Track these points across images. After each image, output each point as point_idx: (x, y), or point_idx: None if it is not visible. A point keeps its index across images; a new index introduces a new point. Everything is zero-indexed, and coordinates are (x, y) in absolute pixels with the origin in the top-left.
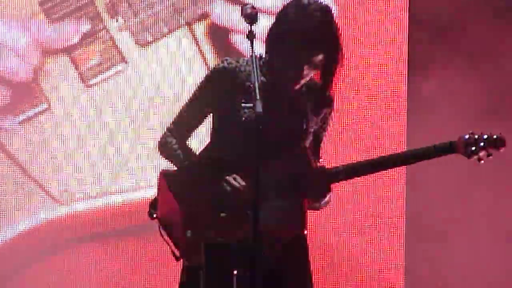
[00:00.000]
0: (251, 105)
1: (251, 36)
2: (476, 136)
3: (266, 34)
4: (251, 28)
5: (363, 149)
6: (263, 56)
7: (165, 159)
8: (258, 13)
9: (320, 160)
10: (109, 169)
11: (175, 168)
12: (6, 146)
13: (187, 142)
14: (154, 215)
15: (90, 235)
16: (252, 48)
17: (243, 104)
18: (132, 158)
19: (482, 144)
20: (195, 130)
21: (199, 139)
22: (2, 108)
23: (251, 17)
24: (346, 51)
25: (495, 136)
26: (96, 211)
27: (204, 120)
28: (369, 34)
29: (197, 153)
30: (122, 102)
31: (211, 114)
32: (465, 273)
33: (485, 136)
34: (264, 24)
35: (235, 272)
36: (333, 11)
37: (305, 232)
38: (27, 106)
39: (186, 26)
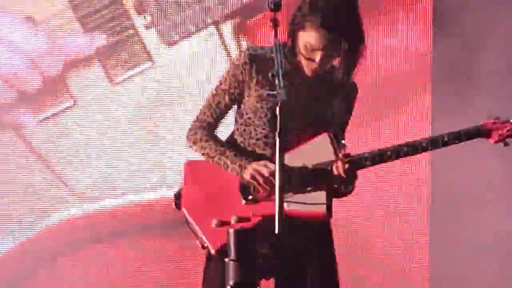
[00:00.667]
0: (275, 92)
1: (274, 23)
2: (502, 121)
3: (290, 20)
4: (274, 15)
5: (388, 133)
6: (287, 43)
7: (195, 151)
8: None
9: (343, 142)
10: (134, 167)
11: (201, 158)
12: (31, 142)
13: (215, 131)
14: (180, 205)
15: (114, 232)
16: (276, 35)
17: (268, 92)
18: (158, 156)
19: (507, 129)
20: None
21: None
22: (28, 104)
23: (275, 4)
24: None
25: None
26: (119, 208)
27: (232, 107)
28: (391, 24)
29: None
30: (147, 100)
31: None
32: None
33: (511, 120)
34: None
35: (260, 260)
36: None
37: (330, 219)
38: (53, 103)
39: (213, 26)
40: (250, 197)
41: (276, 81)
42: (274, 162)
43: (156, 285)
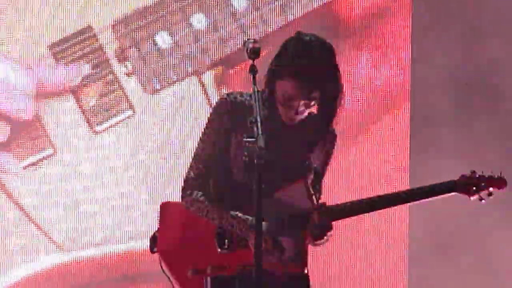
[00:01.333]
0: (253, 139)
1: (253, 71)
2: (477, 176)
3: (267, 68)
4: (253, 62)
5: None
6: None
7: (192, 212)
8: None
9: (320, 191)
10: (114, 216)
11: (177, 201)
12: (10, 190)
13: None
14: (155, 249)
15: (93, 283)
16: (254, 83)
17: (245, 139)
18: (138, 206)
19: (483, 184)
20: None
21: None
22: (7, 152)
23: (253, 52)
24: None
25: (496, 176)
26: (100, 258)
27: (221, 156)
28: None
29: None
30: (129, 149)
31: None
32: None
33: (487, 176)
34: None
35: None
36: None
37: (306, 270)
38: (32, 151)
39: (194, 75)
40: (226, 246)
41: (254, 128)
42: (252, 209)
43: None
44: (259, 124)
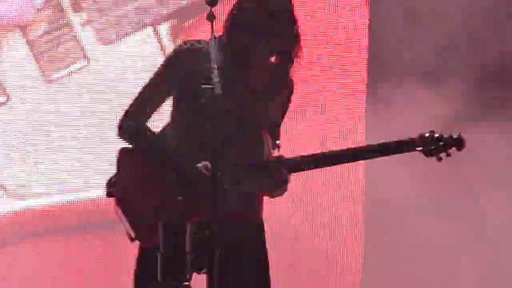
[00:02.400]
0: (211, 86)
1: (211, 17)
2: (436, 135)
3: (225, 17)
4: (211, 9)
5: (321, 136)
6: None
7: (126, 142)
8: None
9: (278, 142)
10: (67, 165)
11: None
12: None
13: (147, 124)
14: (112, 194)
15: (45, 232)
16: (212, 30)
17: (202, 86)
18: (90, 155)
19: (441, 143)
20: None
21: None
22: None
23: None
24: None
25: (455, 136)
26: (52, 207)
27: (165, 101)
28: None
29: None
30: (82, 98)
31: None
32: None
33: (445, 136)
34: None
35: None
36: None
37: (261, 219)
38: None
39: (150, 26)
40: (183, 193)
41: (212, 75)
42: (208, 159)
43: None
44: (216, 71)
